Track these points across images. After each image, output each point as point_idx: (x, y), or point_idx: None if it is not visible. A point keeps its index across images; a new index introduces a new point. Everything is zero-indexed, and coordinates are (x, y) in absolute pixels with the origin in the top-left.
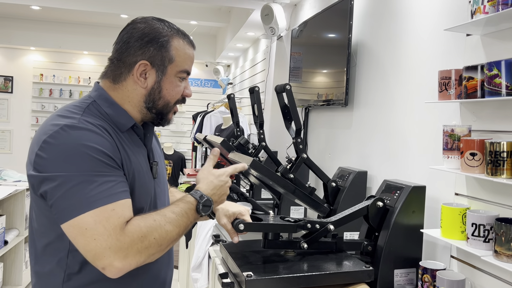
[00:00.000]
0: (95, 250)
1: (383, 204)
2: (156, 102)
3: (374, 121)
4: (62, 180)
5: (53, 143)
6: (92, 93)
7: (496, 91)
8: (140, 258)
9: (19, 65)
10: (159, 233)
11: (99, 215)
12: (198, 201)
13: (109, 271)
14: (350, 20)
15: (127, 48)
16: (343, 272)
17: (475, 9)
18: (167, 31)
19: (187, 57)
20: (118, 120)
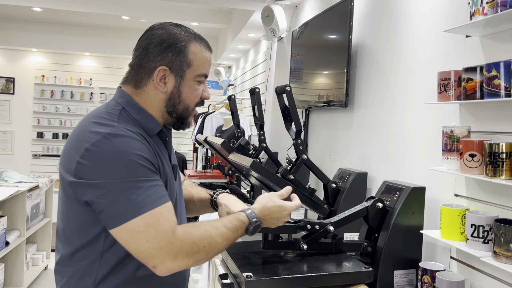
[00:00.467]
0: (147, 251)
1: (382, 205)
2: (177, 106)
3: (374, 122)
4: (110, 187)
5: (97, 151)
6: (118, 99)
7: (495, 92)
8: (188, 262)
9: (21, 66)
10: (209, 242)
11: (149, 218)
12: (250, 223)
13: (159, 269)
14: (350, 22)
15: (146, 54)
16: (343, 273)
17: (474, 11)
18: (184, 36)
19: (204, 60)
20: (147, 125)
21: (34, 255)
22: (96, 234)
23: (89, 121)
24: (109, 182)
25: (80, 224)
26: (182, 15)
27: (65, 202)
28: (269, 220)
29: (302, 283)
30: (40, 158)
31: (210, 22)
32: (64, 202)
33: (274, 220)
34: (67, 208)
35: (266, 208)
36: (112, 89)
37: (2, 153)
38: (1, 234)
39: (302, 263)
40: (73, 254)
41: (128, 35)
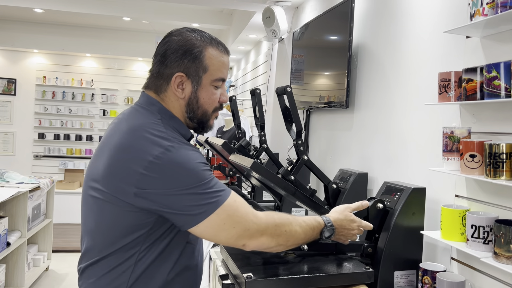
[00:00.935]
0: (236, 235)
1: (383, 206)
2: (196, 112)
3: (375, 123)
4: (185, 193)
5: (161, 163)
6: (149, 106)
7: (495, 93)
8: (271, 243)
9: (22, 67)
10: (289, 229)
11: (228, 208)
12: (325, 226)
13: (248, 246)
14: (351, 23)
15: (164, 61)
16: (343, 274)
17: (474, 11)
18: (200, 41)
19: (221, 64)
20: (181, 131)
21: (35, 256)
22: (137, 236)
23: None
24: (184, 189)
25: (125, 228)
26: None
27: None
28: (341, 231)
29: (302, 284)
30: (42, 159)
31: (211, 23)
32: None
33: (345, 231)
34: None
35: (339, 219)
36: (113, 90)
37: (3, 154)
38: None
39: (302, 263)
40: (109, 254)
41: (129, 36)
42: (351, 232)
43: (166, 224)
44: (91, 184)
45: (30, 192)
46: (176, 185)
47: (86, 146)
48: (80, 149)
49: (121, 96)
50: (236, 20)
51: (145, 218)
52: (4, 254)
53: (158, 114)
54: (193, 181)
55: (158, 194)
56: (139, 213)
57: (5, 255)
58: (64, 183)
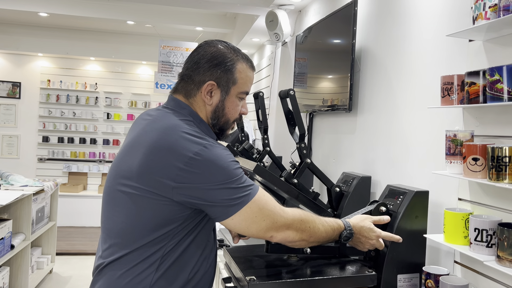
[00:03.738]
0: (266, 227)
1: (386, 209)
2: (220, 119)
3: (378, 126)
4: (221, 187)
5: (201, 159)
6: (180, 109)
7: (498, 96)
8: (295, 237)
9: (27, 71)
10: (313, 226)
11: (259, 202)
12: (345, 228)
13: (275, 238)
14: (354, 26)
15: (197, 68)
16: (346, 277)
17: (476, 15)
18: (232, 55)
19: (248, 79)
20: (209, 134)
21: (39, 259)
22: (167, 231)
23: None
24: (220, 183)
25: (159, 221)
26: (187, 20)
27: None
28: (359, 238)
29: (305, 287)
30: (46, 162)
31: (215, 27)
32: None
33: (363, 239)
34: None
35: (359, 226)
36: (117, 93)
37: (8, 157)
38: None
39: (305, 267)
40: (136, 249)
41: (133, 40)
42: (369, 241)
43: (194, 220)
44: (121, 181)
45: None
46: (213, 180)
47: (90, 149)
48: (84, 152)
49: (125, 100)
50: (239, 23)
51: (179, 212)
52: (8, 256)
53: (190, 117)
54: (228, 177)
55: (196, 188)
56: (175, 207)
57: (9, 257)
58: (68, 186)
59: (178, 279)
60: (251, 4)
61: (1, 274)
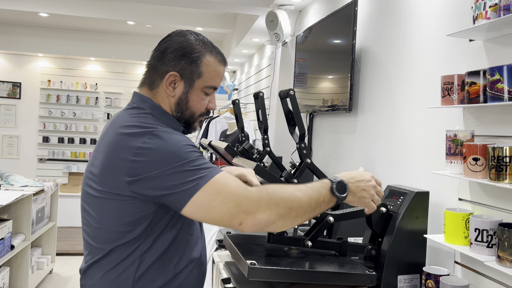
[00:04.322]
0: (229, 212)
1: (386, 210)
2: (184, 112)
3: (378, 126)
4: (172, 171)
5: (151, 147)
6: (140, 103)
7: (499, 96)
8: (270, 216)
9: (27, 71)
10: (287, 195)
11: (217, 184)
12: (332, 182)
13: (245, 224)
14: (354, 26)
15: (162, 58)
16: (346, 273)
17: (477, 15)
18: (201, 47)
19: (216, 73)
20: (172, 126)
21: (39, 259)
22: (140, 230)
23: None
24: (170, 168)
25: (127, 222)
26: (187, 20)
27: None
28: (356, 184)
29: (305, 277)
30: (46, 162)
31: (215, 27)
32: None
33: (362, 183)
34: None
35: (347, 173)
36: (117, 93)
37: (8, 157)
38: (6, 238)
39: (305, 260)
40: (113, 250)
41: (133, 40)
42: (369, 184)
43: (166, 216)
44: (90, 184)
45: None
46: (163, 165)
47: (90, 149)
48: (84, 153)
49: (125, 100)
50: (239, 24)
51: (145, 209)
52: (8, 257)
53: (149, 110)
54: (178, 159)
55: (149, 178)
56: (140, 205)
57: (9, 258)
58: (68, 186)
59: (160, 278)
60: (251, 4)
61: (1, 274)
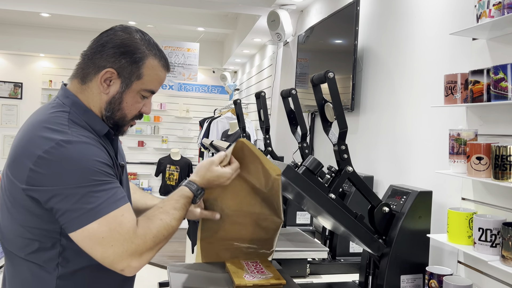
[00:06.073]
0: (113, 255)
1: (389, 210)
2: (115, 113)
3: (380, 125)
4: (68, 193)
5: (51, 158)
6: (63, 99)
7: (502, 95)
8: (152, 254)
9: (29, 71)
10: (167, 230)
11: (111, 222)
12: (195, 195)
13: (128, 271)
14: (356, 26)
15: (101, 51)
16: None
17: (480, 13)
18: (145, 48)
19: (156, 78)
20: (95, 127)
21: None
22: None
23: (39, 125)
24: (67, 188)
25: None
26: (188, 20)
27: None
28: (212, 186)
29: (329, 207)
30: None
31: (216, 27)
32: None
33: (216, 184)
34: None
35: (205, 179)
36: None
37: None
38: None
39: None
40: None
41: None
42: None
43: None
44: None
45: None
46: (62, 183)
47: None
48: None
49: None
50: (241, 23)
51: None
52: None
53: (68, 107)
54: (81, 180)
55: (44, 192)
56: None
57: None
58: None
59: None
60: (253, 4)
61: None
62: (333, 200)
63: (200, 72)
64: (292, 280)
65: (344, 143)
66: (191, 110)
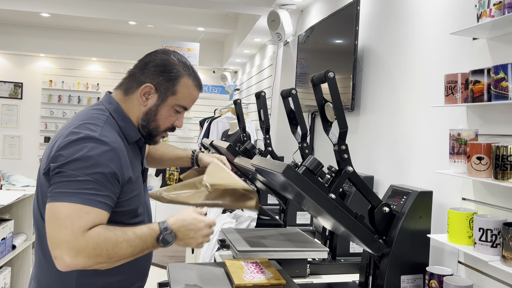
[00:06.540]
0: (55, 239)
1: (389, 210)
2: (150, 123)
3: (381, 125)
4: (68, 174)
5: (74, 146)
6: (107, 104)
7: (503, 95)
8: (88, 262)
9: (29, 71)
10: (112, 247)
11: (73, 211)
12: (161, 232)
13: (58, 262)
14: (356, 26)
15: (143, 69)
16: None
17: (481, 13)
18: (181, 68)
19: (189, 96)
20: (129, 132)
21: None
22: None
23: (77, 121)
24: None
25: None
26: (188, 20)
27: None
28: (185, 232)
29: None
30: None
31: (217, 27)
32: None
33: (191, 233)
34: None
35: (181, 219)
36: None
37: (10, 157)
38: (8, 238)
39: None
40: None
41: (135, 40)
42: (198, 233)
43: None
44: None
45: None
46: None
47: None
48: None
49: None
50: (241, 23)
51: None
52: (10, 257)
53: (108, 112)
54: (84, 170)
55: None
56: None
57: (11, 258)
58: None
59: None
60: (253, 4)
61: (3, 274)
62: (333, 200)
63: (200, 72)
64: (292, 280)
65: (344, 143)
66: (191, 110)
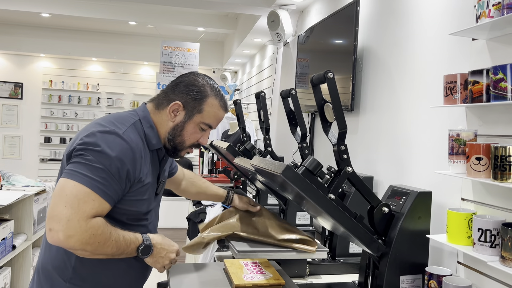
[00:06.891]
0: (58, 212)
1: (389, 210)
2: (176, 138)
3: (380, 126)
4: (88, 159)
5: (98, 137)
6: (140, 111)
7: (502, 95)
8: (76, 246)
9: (29, 71)
10: (103, 242)
11: (83, 194)
12: (143, 242)
13: (51, 235)
14: (356, 26)
15: (174, 88)
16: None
17: (480, 13)
18: (208, 89)
19: (214, 115)
20: (151, 140)
21: None
22: None
23: (110, 118)
24: (90, 158)
25: None
26: (188, 20)
27: None
28: (159, 250)
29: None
30: (48, 162)
31: (217, 28)
32: None
33: (163, 252)
34: None
35: (160, 237)
36: (119, 94)
37: (10, 157)
38: (8, 238)
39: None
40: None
41: (135, 40)
42: (169, 256)
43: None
44: None
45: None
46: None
47: None
48: None
49: (127, 100)
50: (241, 24)
51: None
52: (10, 257)
53: (138, 117)
54: (101, 161)
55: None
56: None
57: (11, 258)
58: None
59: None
60: (253, 4)
61: (3, 274)
62: (333, 201)
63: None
64: (292, 281)
65: (344, 144)
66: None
